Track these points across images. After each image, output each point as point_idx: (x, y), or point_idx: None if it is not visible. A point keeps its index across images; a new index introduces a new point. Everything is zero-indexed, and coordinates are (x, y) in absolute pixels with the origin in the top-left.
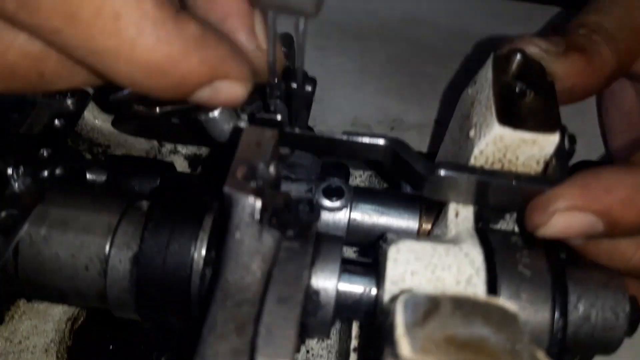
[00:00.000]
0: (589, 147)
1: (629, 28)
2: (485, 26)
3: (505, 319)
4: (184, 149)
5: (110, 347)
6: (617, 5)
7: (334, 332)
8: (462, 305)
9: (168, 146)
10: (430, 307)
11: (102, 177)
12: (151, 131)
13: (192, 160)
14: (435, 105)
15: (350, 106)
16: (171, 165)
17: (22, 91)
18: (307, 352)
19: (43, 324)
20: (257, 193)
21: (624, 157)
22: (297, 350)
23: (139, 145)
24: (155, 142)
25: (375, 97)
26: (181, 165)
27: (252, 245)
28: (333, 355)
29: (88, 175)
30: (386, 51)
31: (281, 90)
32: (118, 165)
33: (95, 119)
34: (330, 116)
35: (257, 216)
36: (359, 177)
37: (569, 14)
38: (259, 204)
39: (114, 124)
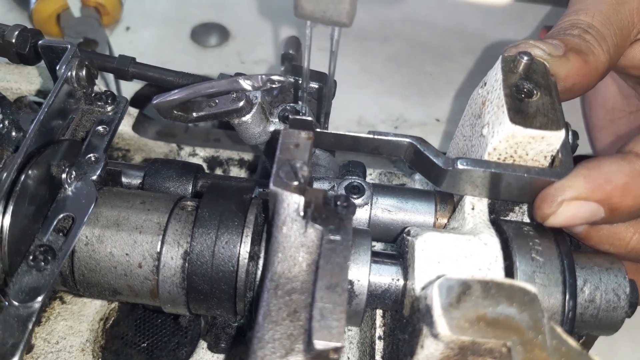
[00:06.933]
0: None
1: (616, 26)
2: (480, 26)
3: (526, 299)
4: (202, 152)
5: (143, 344)
6: (604, 4)
7: None
8: (490, 288)
9: (187, 149)
10: (462, 290)
11: (137, 180)
12: (171, 135)
13: (210, 162)
14: (436, 103)
15: (354, 106)
16: (201, 167)
17: None
18: None
19: (78, 324)
20: (300, 191)
21: (610, 150)
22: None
23: (158, 149)
24: (174, 145)
25: (379, 97)
26: None
27: (298, 239)
28: (355, 345)
29: (123, 179)
30: (387, 52)
31: (310, 94)
32: (152, 168)
33: None
34: (336, 116)
35: (302, 212)
36: (370, 176)
37: (559, 12)
38: (302, 200)
39: (134, 128)
